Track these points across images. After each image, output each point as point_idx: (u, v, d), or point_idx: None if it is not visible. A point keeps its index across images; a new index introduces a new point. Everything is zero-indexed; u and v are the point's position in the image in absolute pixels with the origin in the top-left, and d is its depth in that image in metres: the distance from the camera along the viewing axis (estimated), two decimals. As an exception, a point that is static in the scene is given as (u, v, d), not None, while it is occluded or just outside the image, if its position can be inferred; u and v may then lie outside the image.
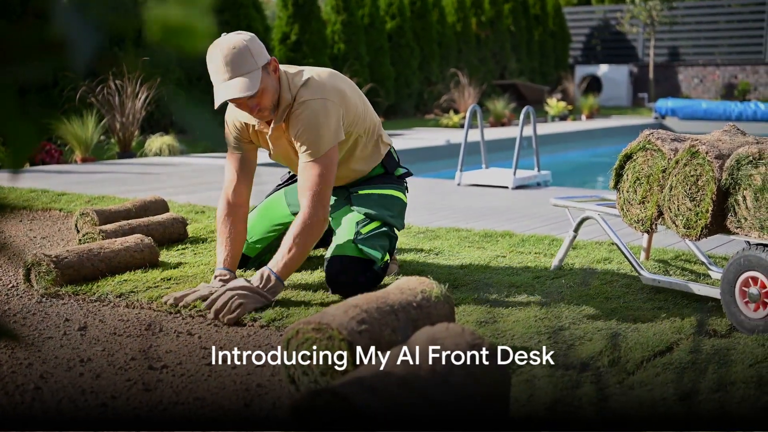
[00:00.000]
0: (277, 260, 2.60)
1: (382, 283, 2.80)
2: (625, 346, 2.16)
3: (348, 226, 2.80)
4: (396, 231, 2.89)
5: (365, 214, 2.83)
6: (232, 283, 2.55)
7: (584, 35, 20.87)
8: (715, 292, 2.57)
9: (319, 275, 2.96)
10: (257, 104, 2.59)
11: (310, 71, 2.72)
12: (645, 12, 17.92)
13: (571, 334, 2.31)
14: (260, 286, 2.53)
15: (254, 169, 2.85)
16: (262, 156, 3.03)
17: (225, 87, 2.53)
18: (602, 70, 19.06)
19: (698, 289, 2.65)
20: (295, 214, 2.99)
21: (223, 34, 2.59)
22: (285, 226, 3.01)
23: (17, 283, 2.96)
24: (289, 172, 3.17)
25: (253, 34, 2.63)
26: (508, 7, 17.90)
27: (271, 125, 2.72)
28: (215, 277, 2.72)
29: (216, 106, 2.53)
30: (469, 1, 16.93)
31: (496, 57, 17.64)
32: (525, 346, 2.19)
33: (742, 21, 18.65)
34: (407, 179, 3.08)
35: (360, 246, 2.70)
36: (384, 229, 2.80)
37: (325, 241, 3.11)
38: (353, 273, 2.67)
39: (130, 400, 1.90)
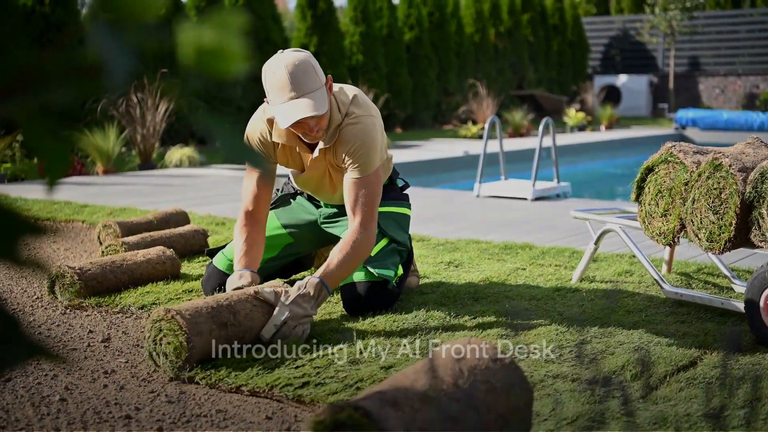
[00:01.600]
0: (329, 272, 2.49)
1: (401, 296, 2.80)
2: (648, 361, 2.14)
3: None
4: (407, 246, 2.84)
5: (389, 235, 2.78)
6: (292, 311, 2.36)
7: (603, 45, 20.81)
8: (738, 306, 2.54)
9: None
10: (317, 124, 2.48)
11: (348, 88, 2.65)
12: (665, 22, 17.85)
13: (593, 347, 2.29)
14: (314, 304, 2.43)
15: (273, 188, 2.76)
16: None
17: (294, 106, 2.39)
18: (621, 80, 18.99)
19: (721, 302, 2.63)
20: (291, 234, 2.95)
21: (278, 52, 2.49)
22: (278, 249, 2.94)
23: (42, 295, 2.99)
24: (278, 190, 3.03)
25: (308, 51, 2.53)
26: (526, 18, 17.89)
27: (318, 147, 2.61)
28: (237, 274, 2.56)
29: (286, 125, 2.43)
30: (487, 12, 16.94)
31: (514, 67, 17.63)
32: (547, 359, 2.18)
33: (764, 30, 18.52)
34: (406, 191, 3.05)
35: (371, 269, 2.66)
36: (393, 245, 2.77)
37: (303, 265, 3.12)
38: (368, 296, 2.65)
39: (153, 412, 1.91)
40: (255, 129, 2.68)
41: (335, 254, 2.53)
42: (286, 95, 2.41)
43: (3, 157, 7.12)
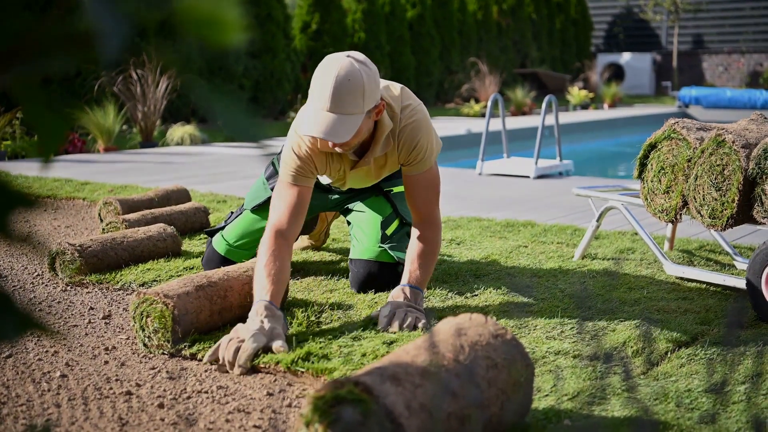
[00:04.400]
0: (417, 277, 2.39)
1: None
2: (650, 335, 2.14)
3: (372, 227, 2.75)
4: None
5: (400, 215, 2.76)
6: (406, 305, 2.30)
7: (606, 23, 20.67)
8: (740, 283, 2.54)
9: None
10: (338, 145, 2.30)
11: (393, 85, 2.48)
12: (669, -1, 17.72)
13: (594, 324, 2.29)
14: (409, 296, 2.36)
15: (307, 207, 2.44)
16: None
17: (317, 119, 2.21)
18: (625, 58, 18.88)
19: (723, 279, 2.62)
20: None
21: (347, 53, 2.28)
22: None
23: (42, 272, 2.99)
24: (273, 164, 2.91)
25: (374, 67, 2.30)
26: (529, -5, 17.78)
27: (370, 157, 2.44)
28: (258, 313, 2.13)
29: (302, 133, 2.26)
30: (490, -11, 16.83)
31: (517, 45, 17.52)
32: (548, 336, 2.19)
33: (768, 8, 18.39)
34: None
35: (390, 252, 2.67)
36: (406, 228, 2.77)
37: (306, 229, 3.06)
38: (381, 276, 2.66)
39: (154, 388, 1.92)
40: (297, 142, 2.41)
41: (415, 258, 2.42)
42: (321, 103, 2.22)
43: (3, 134, 7.11)
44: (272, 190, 2.80)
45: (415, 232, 2.47)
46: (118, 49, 0.53)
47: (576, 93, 14.71)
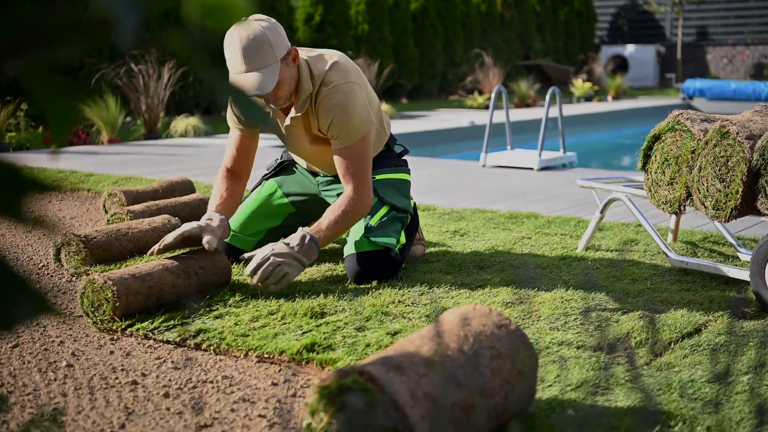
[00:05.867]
0: (320, 229, 2.57)
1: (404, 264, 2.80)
2: (656, 322, 2.15)
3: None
4: (408, 211, 2.85)
5: (388, 202, 2.79)
6: (275, 248, 2.49)
7: (611, 15, 20.60)
8: (744, 275, 2.54)
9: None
10: (272, 96, 2.55)
11: (329, 54, 2.66)
12: (673, -9, 17.65)
13: (598, 315, 2.30)
14: (299, 249, 2.51)
15: (256, 147, 2.80)
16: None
17: (241, 80, 2.45)
18: (629, 50, 18.83)
19: (727, 271, 2.63)
20: (294, 203, 2.99)
21: (240, 21, 2.53)
22: (281, 218, 2.98)
23: (48, 263, 3.01)
24: (277, 160, 3.08)
25: (273, 20, 2.54)
26: (533, -13, 17.72)
27: (289, 115, 2.66)
28: (207, 215, 2.61)
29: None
30: (493, -19, 16.78)
31: (520, 37, 17.48)
32: (552, 326, 2.19)
33: (773, -1, 18.32)
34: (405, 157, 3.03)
35: (373, 239, 2.66)
36: (393, 213, 2.77)
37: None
38: (371, 265, 2.65)
39: (159, 378, 1.93)
40: None
41: (327, 215, 2.61)
42: (236, 67, 2.46)
43: (8, 126, 7.12)
44: (264, 177, 3.07)
45: (340, 198, 2.63)
46: (131, 36, 0.53)
47: (580, 85, 14.68)
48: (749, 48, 18.34)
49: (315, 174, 2.99)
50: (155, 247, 2.54)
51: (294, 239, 2.53)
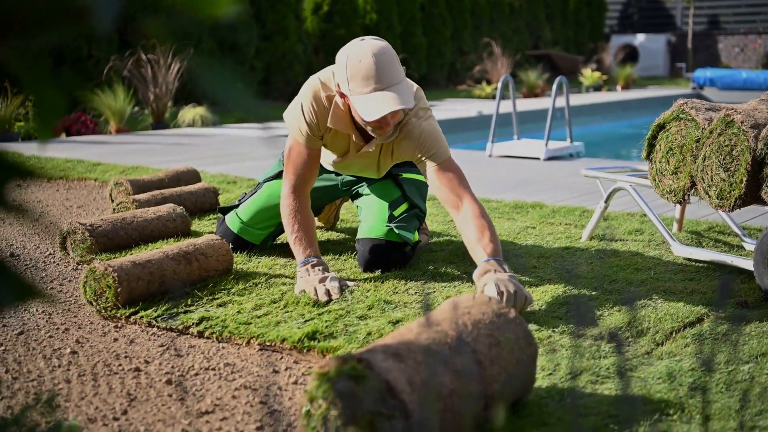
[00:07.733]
0: (495, 249, 2.33)
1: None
2: (655, 317, 2.15)
3: (380, 208, 2.78)
4: (425, 212, 2.87)
5: (409, 199, 2.79)
6: (508, 277, 2.20)
7: (621, 4, 20.47)
8: (748, 264, 2.54)
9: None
10: (394, 118, 2.38)
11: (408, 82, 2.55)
12: (684, -21, 17.53)
13: (600, 304, 2.30)
14: (509, 271, 2.29)
15: (317, 164, 2.61)
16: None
17: (381, 98, 2.27)
18: (639, 39, 18.71)
19: (731, 260, 2.62)
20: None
21: (358, 39, 2.37)
22: None
23: (54, 251, 3.03)
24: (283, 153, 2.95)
25: (385, 41, 2.42)
26: (542, -24, 17.62)
27: (374, 140, 2.52)
28: (312, 266, 2.44)
29: (373, 118, 2.29)
30: (503, -30, 16.70)
31: (529, 26, 17.40)
32: (553, 315, 2.19)
33: (785, -12, 18.16)
34: None
35: (396, 230, 2.68)
36: (414, 210, 2.79)
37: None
38: (387, 254, 2.66)
39: (162, 365, 1.94)
40: (312, 109, 2.51)
41: (476, 236, 2.36)
42: (370, 85, 2.28)
43: (17, 115, 7.15)
44: (280, 174, 2.91)
45: (467, 215, 2.42)
46: (109, 21, 0.54)
47: (589, 75, 14.61)
48: (761, 37, 18.19)
49: (338, 174, 2.95)
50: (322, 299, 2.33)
51: (494, 265, 2.26)
